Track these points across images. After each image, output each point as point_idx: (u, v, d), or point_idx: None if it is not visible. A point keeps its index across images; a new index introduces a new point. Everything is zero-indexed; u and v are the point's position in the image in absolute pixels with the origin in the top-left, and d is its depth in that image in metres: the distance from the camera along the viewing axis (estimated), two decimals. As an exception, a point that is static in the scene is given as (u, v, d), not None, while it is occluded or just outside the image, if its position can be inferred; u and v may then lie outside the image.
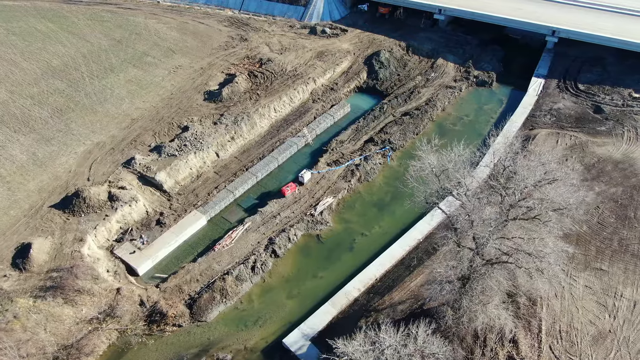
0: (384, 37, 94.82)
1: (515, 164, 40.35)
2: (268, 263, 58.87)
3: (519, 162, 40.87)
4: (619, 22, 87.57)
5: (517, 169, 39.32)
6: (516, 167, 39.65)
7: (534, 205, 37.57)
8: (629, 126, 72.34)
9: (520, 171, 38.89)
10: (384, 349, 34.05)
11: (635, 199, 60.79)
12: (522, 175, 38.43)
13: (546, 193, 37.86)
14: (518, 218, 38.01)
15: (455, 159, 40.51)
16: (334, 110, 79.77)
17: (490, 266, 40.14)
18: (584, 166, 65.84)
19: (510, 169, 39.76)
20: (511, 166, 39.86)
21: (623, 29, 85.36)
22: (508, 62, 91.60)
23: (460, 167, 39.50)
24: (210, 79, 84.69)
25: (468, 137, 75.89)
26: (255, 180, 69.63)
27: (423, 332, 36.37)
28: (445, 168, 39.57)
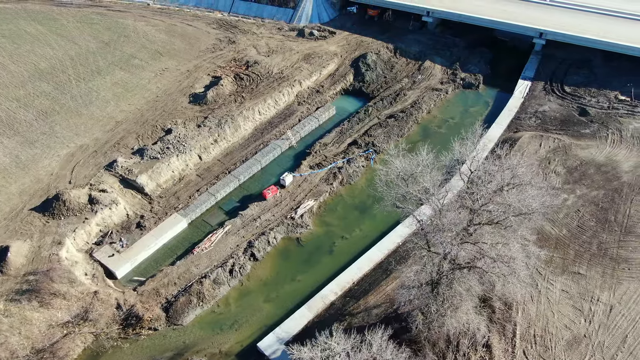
0: (372, 40, 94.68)
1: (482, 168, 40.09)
2: (247, 266, 58.75)
3: (484, 166, 40.62)
4: (606, 24, 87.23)
5: (480, 175, 39.09)
6: (480, 173, 39.39)
7: (494, 210, 37.28)
8: (614, 129, 71.97)
9: (484, 176, 38.67)
10: (335, 356, 33.85)
11: (616, 203, 60.45)
12: (485, 180, 38.21)
13: (507, 198, 37.55)
14: (482, 223, 37.74)
15: (423, 163, 40.25)
16: (319, 112, 79.64)
17: (459, 271, 39.90)
18: (567, 169, 65.55)
19: (477, 173, 39.50)
20: (478, 171, 39.59)
21: (609, 31, 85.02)
22: (496, 65, 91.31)
23: (426, 172, 39.20)
24: (197, 82, 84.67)
25: (453, 139, 75.96)
26: (237, 183, 69.52)
27: (379, 339, 36.12)
28: (413, 173, 39.33)
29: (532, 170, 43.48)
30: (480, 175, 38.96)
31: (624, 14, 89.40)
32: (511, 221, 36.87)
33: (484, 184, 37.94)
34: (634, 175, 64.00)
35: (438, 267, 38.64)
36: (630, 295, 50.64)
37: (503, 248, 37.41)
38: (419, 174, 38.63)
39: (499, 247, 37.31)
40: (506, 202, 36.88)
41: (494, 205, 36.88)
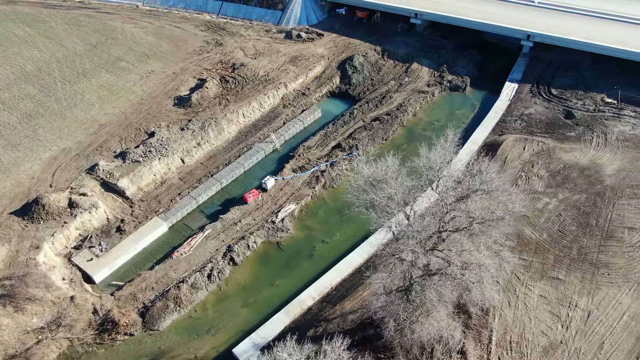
0: (360, 42, 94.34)
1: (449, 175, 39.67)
2: (225, 271, 58.41)
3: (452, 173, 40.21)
4: (594, 26, 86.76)
5: (447, 182, 38.68)
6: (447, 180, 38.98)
7: (458, 217, 36.88)
8: (599, 132, 71.52)
9: (449, 183, 38.25)
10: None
11: (598, 207, 60.00)
12: (450, 187, 37.80)
13: (470, 206, 37.14)
14: (448, 230, 37.31)
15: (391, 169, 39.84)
16: (304, 115, 79.29)
17: (429, 278, 39.50)
18: (550, 173, 65.11)
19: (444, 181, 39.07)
20: (445, 176, 39.18)
21: (598, 33, 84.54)
22: (484, 67, 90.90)
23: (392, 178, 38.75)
24: (182, 84, 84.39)
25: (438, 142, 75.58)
26: (219, 187, 69.19)
27: (337, 348, 35.73)
28: (382, 178, 38.93)
29: (502, 177, 42.75)
30: (447, 183, 38.53)
31: (613, 16, 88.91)
32: (475, 229, 36.47)
33: (449, 190, 37.51)
34: (617, 178, 63.56)
35: (406, 274, 38.24)
36: (609, 301, 50.19)
37: (470, 255, 36.97)
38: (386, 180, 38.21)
39: (466, 254, 36.86)
40: (469, 210, 36.45)
41: (457, 213, 36.47)
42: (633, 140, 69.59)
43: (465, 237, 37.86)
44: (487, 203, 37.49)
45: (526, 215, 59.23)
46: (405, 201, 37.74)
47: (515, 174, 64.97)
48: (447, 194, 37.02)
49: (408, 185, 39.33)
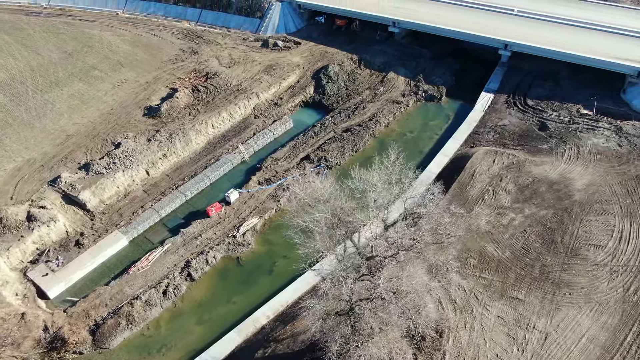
0: (337, 50, 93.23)
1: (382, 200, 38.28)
2: (182, 287, 57.26)
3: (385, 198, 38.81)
4: (573, 36, 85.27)
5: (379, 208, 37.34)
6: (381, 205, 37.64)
7: (379, 245, 35.59)
8: (572, 144, 70.02)
9: (378, 210, 36.90)
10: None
11: (564, 223, 58.51)
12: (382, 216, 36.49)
13: (392, 234, 35.80)
14: (378, 256, 36.01)
15: (326, 191, 38.59)
16: (274, 126, 78.18)
17: (369, 302, 38.21)
18: (518, 187, 63.66)
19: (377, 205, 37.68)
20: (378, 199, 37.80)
21: (577, 43, 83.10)
22: (462, 76, 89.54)
23: (325, 200, 37.50)
24: (154, 94, 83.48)
25: (408, 154, 74.33)
26: (183, 199, 68.11)
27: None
28: (326, 197, 37.65)
29: (437, 203, 41.27)
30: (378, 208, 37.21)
31: (593, 25, 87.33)
32: (400, 256, 35.12)
33: (377, 217, 36.24)
34: (587, 193, 62.05)
35: (347, 298, 36.90)
36: (568, 323, 48.68)
37: (400, 282, 35.62)
38: (321, 201, 36.97)
39: (395, 281, 35.52)
40: (392, 238, 35.14)
41: (380, 240, 35.18)
42: (606, 154, 68.06)
43: (397, 264, 36.51)
44: (410, 230, 36.06)
45: (490, 231, 58.01)
46: (338, 224, 36.44)
47: (482, 188, 63.56)
48: (374, 221, 35.71)
49: (349, 206, 37.94)
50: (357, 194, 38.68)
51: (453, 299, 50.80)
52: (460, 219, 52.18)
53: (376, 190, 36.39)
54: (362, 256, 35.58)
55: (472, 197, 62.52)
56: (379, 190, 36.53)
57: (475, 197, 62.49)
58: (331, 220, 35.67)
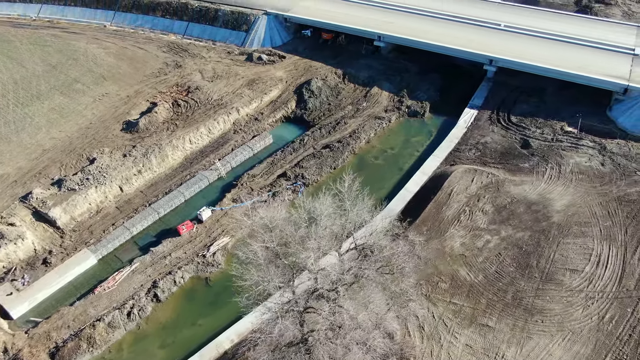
0: (321, 64, 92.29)
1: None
2: (147, 308, 55.97)
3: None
4: (560, 51, 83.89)
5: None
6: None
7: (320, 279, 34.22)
8: (553, 163, 68.43)
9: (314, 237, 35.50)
10: None
11: (541, 246, 56.85)
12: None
13: (328, 270, 34.42)
14: (318, 290, 34.62)
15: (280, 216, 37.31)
16: (253, 141, 77.11)
17: (322, 331, 36.75)
18: (495, 207, 62.11)
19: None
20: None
21: (563, 58, 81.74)
22: (447, 91, 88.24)
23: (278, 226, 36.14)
24: (134, 108, 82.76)
25: (388, 171, 73.21)
26: (156, 217, 66.99)
27: None
28: (273, 225, 36.35)
29: (388, 232, 39.83)
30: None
31: (580, 40, 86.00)
32: (340, 291, 33.69)
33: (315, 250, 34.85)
34: (566, 215, 60.40)
35: (283, 333, 35.39)
36: (538, 353, 46.98)
37: (340, 316, 34.16)
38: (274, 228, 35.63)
39: (339, 314, 34.08)
40: (333, 271, 33.77)
41: (326, 271, 33.81)
42: (588, 173, 66.44)
43: (345, 297, 35.09)
44: (357, 263, 34.67)
45: (463, 254, 56.45)
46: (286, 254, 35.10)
47: (459, 209, 62.04)
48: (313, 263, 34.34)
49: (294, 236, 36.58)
50: (304, 223, 37.28)
51: (421, 325, 49.21)
52: (418, 247, 50.49)
53: (321, 221, 34.95)
54: (309, 289, 34.17)
55: (448, 217, 61.00)
56: (325, 220, 35.09)
57: (451, 217, 60.97)
58: (277, 251, 34.32)
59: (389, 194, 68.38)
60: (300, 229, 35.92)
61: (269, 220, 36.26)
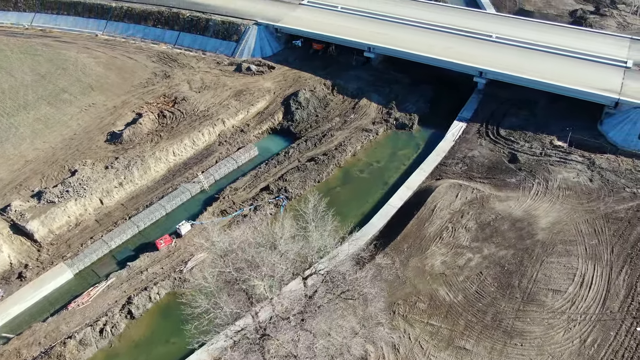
0: (311, 75, 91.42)
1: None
2: (120, 325, 54.93)
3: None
4: (552, 64, 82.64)
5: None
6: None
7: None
8: (540, 178, 67.06)
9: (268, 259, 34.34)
10: None
11: (524, 265, 55.46)
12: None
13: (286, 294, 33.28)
14: (275, 317, 33.48)
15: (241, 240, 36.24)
16: (238, 154, 76.19)
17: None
18: (479, 224, 60.78)
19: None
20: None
21: (554, 71, 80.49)
22: (437, 103, 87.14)
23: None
24: (119, 119, 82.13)
25: (373, 185, 72.10)
26: (136, 230, 66.08)
27: None
28: (231, 249, 35.30)
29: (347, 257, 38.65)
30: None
31: (572, 53, 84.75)
32: (291, 320, 32.50)
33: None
34: (551, 232, 59.01)
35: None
36: (516, 377, 45.57)
37: (293, 346, 32.99)
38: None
39: (293, 344, 32.90)
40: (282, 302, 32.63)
41: (271, 303, 32.68)
42: (575, 189, 65.04)
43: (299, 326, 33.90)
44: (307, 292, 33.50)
45: (444, 273, 55.14)
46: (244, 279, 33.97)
47: (441, 225, 60.75)
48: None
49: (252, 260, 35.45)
50: (263, 247, 36.20)
51: (396, 347, 47.88)
52: (386, 270, 49.27)
53: (280, 245, 33.85)
54: (268, 317, 33.04)
55: (430, 234, 59.73)
56: (284, 244, 33.99)
57: (433, 234, 59.69)
58: (233, 276, 33.23)
59: (372, 209, 67.30)
60: (260, 253, 34.85)
61: (225, 244, 35.17)
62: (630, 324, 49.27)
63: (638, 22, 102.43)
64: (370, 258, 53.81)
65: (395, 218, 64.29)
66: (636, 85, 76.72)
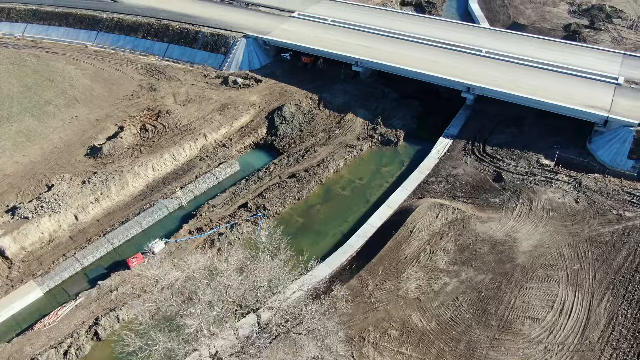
0: (297, 89, 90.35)
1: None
2: (85, 347, 53.55)
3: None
4: (542, 80, 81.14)
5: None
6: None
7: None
8: (525, 198, 65.28)
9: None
10: None
11: (502, 290, 53.62)
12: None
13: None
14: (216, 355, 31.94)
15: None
16: (219, 169, 74.99)
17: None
18: (458, 247, 59.05)
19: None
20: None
21: (543, 87, 79.01)
22: (425, 118, 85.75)
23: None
24: (101, 132, 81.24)
25: (354, 203, 70.57)
26: (110, 247, 64.84)
27: None
28: (168, 282, 33.82)
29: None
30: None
31: (563, 69, 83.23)
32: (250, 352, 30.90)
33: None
34: (532, 256, 57.17)
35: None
36: (486, 412, 43.66)
37: None
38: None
39: None
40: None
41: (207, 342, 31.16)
42: (560, 211, 63.17)
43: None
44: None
45: (418, 298, 53.38)
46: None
47: (419, 247, 59.07)
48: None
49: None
50: (204, 280, 34.71)
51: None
52: (341, 303, 47.56)
53: (223, 279, 32.37)
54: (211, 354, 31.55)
55: (407, 257, 58.03)
56: (226, 278, 32.51)
57: (410, 257, 58.00)
58: (172, 311, 31.79)
59: (352, 228, 65.77)
60: (199, 288, 33.45)
61: (161, 276, 33.79)
62: (609, 355, 47.30)
63: (633, 36, 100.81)
64: (327, 290, 51.80)
65: (374, 238, 62.68)
66: (626, 102, 75.03)
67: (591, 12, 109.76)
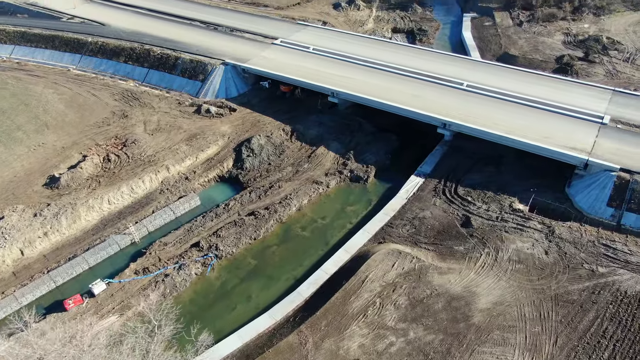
0: (271, 120, 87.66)
1: None
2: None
3: None
4: (520, 117, 77.04)
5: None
6: None
7: None
8: (491, 248, 60.88)
9: None
10: None
11: (451, 354, 49.16)
12: None
13: None
14: None
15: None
16: (177, 204, 72.19)
17: None
18: (410, 301, 54.85)
19: None
20: None
21: (522, 125, 74.94)
22: (400, 154, 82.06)
23: None
24: (64, 161, 79.43)
25: (312, 245, 66.97)
26: (53, 286, 62.18)
27: None
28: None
29: None
30: None
31: (546, 105, 79.02)
32: None
33: None
34: (489, 315, 52.67)
35: None
36: None
37: None
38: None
39: None
40: None
41: None
42: (527, 263, 58.61)
43: None
44: None
45: (358, 359, 49.21)
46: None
47: (369, 300, 55.03)
48: None
49: None
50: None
51: None
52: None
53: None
54: None
55: (354, 310, 54.03)
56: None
57: (357, 311, 53.97)
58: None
59: (306, 273, 62.12)
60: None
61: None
62: None
63: (628, 70, 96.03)
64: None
65: (326, 286, 58.86)
66: (609, 144, 70.48)
67: (587, 43, 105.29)
